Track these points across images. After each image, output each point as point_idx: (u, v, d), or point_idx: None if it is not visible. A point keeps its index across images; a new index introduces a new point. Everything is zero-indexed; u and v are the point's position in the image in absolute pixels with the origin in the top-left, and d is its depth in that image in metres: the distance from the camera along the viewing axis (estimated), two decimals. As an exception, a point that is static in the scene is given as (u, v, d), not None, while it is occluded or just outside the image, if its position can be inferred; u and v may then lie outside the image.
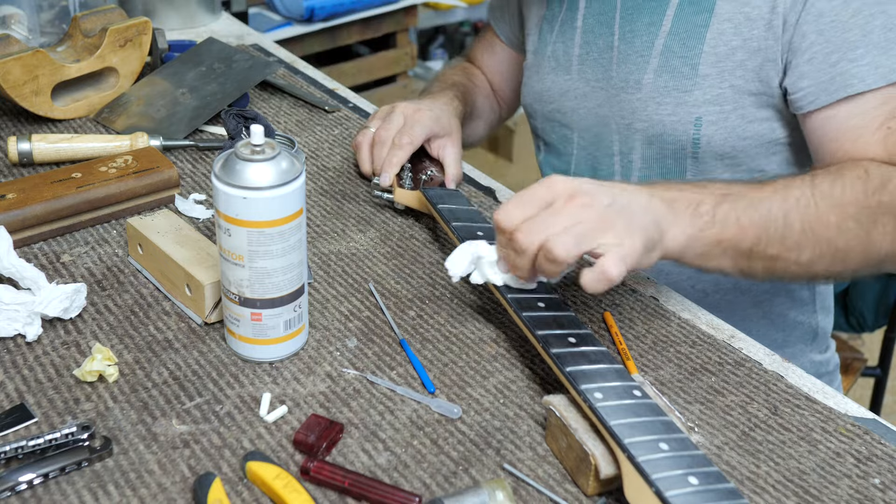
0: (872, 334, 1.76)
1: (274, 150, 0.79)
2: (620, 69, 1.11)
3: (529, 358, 0.88)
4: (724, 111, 1.05)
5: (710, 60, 1.04)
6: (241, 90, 1.27)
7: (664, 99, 1.07)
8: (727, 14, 1.02)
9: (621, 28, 1.11)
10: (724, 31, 1.03)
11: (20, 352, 0.86)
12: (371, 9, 2.62)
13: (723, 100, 1.04)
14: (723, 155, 1.07)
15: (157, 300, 0.93)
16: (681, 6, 1.05)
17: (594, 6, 1.14)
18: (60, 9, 1.45)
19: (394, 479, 0.74)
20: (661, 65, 1.07)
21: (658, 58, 1.07)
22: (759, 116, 1.05)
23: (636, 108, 1.10)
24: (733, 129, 1.05)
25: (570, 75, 1.17)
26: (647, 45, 1.08)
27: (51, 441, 0.75)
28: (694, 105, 1.05)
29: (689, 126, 1.06)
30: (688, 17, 1.05)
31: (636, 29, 1.09)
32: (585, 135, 1.17)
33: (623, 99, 1.11)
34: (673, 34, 1.06)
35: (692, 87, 1.05)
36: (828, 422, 0.82)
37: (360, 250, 1.03)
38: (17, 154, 1.14)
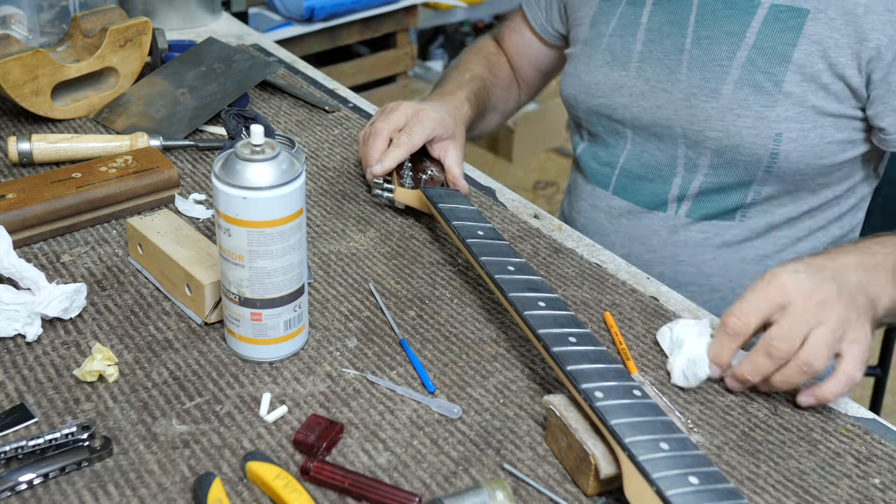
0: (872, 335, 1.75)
1: (274, 150, 0.79)
2: (693, 74, 1.10)
3: (529, 358, 0.88)
4: (804, 129, 1.05)
5: (795, 80, 1.04)
6: (241, 90, 1.27)
7: (744, 112, 1.07)
8: (816, 36, 1.03)
9: (696, 33, 1.10)
10: (812, 53, 1.03)
11: (20, 352, 0.86)
12: (371, 9, 2.61)
13: (804, 118, 1.05)
14: (796, 171, 1.08)
15: (157, 300, 0.93)
16: (767, 21, 1.05)
17: (665, 5, 1.13)
18: (60, 9, 1.45)
19: (394, 479, 0.74)
20: (743, 77, 1.06)
21: (740, 70, 1.07)
22: (837, 138, 1.06)
23: (711, 115, 1.09)
24: (812, 148, 1.06)
25: (627, 72, 1.16)
26: (727, 54, 1.07)
27: (51, 441, 0.75)
28: (775, 121, 1.05)
29: (768, 141, 1.06)
30: (774, 34, 1.05)
31: (714, 36, 1.08)
32: (642, 133, 1.16)
33: (694, 105, 1.10)
34: (757, 48, 1.05)
35: (774, 104, 1.05)
36: (828, 422, 0.82)
37: (360, 250, 1.03)
38: (17, 154, 1.14)
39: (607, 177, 1.21)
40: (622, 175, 1.20)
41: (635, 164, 1.18)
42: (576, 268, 1.02)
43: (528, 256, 1.03)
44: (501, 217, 1.11)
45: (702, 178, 1.13)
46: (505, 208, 1.13)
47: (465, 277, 0.99)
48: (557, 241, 1.06)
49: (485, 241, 0.94)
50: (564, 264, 1.02)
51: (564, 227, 1.10)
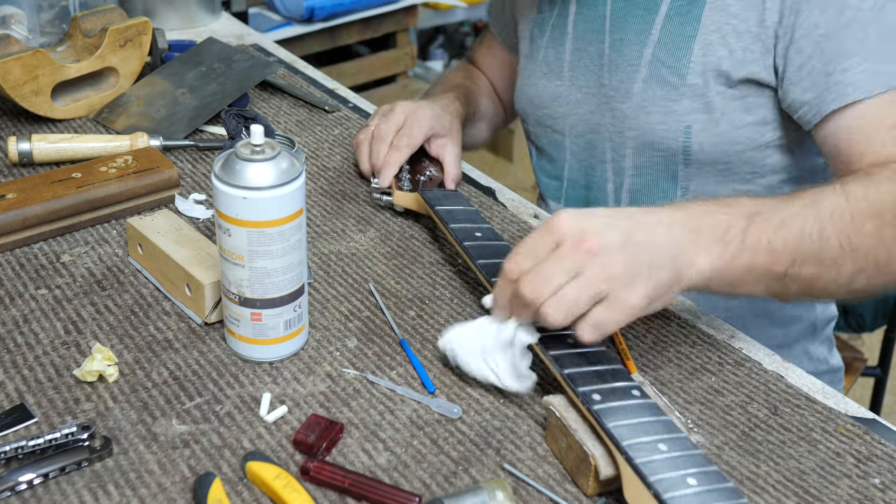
0: (872, 334, 1.76)
1: (274, 150, 0.79)
2: (612, 77, 1.11)
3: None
4: (713, 119, 1.05)
5: (698, 70, 1.04)
6: (241, 90, 1.27)
7: (653, 108, 1.08)
8: (714, 25, 1.03)
9: (611, 35, 1.11)
10: (712, 42, 1.03)
11: (20, 352, 0.86)
12: (371, 9, 2.62)
13: (711, 108, 1.05)
14: (715, 161, 1.07)
15: (157, 300, 0.93)
16: (668, 16, 1.06)
17: (584, 12, 1.14)
18: (60, 9, 1.45)
19: (394, 479, 0.74)
20: (650, 74, 1.08)
21: (647, 67, 1.08)
22: (748, 121, 1.05)
23: (627, 115, 1.10)
24: (723, 136, 1.05)
25: (562, 81, 1.17)
26: (636, 54, 1.09)
27: (51, 441, 0.75)
28: (683, 113, 1.06)
29: (678, 134, 1.07)
30: (675, 28, 1.06)
31: (625, 38, 1.10)
32: (578, 141, 1.18)
33: (614, 107, 1.12)
34: (661, 44, 1.07)
35: (680, 97, 1.06)
36: (828, 422, 0.82)
37: (360, 250, 1.03)
38: (17, 154, 1.14)
39: (557, 190, 1.23)
40: (569, 187, 1.21)
41: (577, 174, 1.20)
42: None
43: (528, 256, 1.03)
44: (501, 217, 1.11)
45: (630, 179, 1.14)
46: (505, 208, 1.13)
47: (465, 277, 0.99)
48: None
49: (483, 242, 0.94)
50: (564, 264, 1.02)
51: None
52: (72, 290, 0.94)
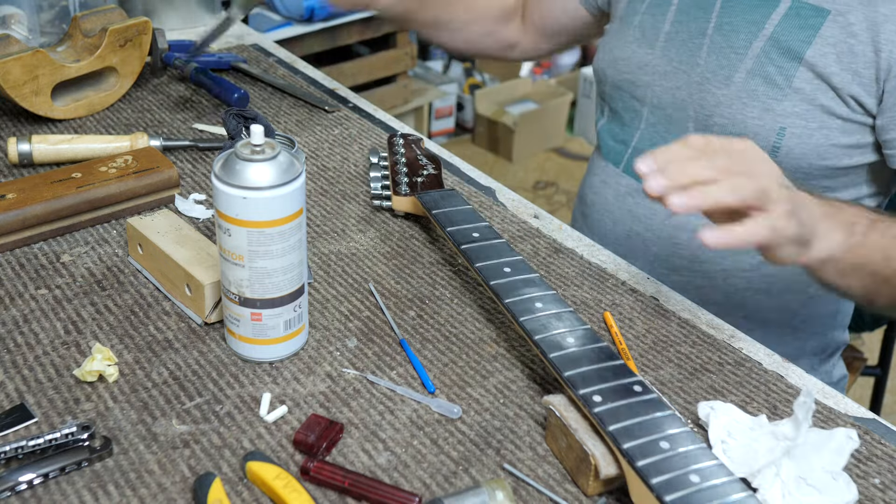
0: (872, 334, 1.76)
1: (274, 150, 0.79)
2: (710, 59, 1.10)
3: (529, 358, 0.88)
4: (809, 127, 1.04)
5: (807, 77, 1.03)
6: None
7: (752, 102, 1.06)
8: (832, 39, 1.02)
9: (719, 17, 1.09)
10: (826, 55, 1.02)
11: (20, 352, 0.86)
12: (371, 9, 2.61)
13: (811, 116, 1.04)
14: (796, 168, 1.06)
15: (157, 300, 0.93)
16: (787, 15, 1.05)
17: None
18: (60, 9, 1.45)
19: (394, 479, 0.74)
20: (756, 68, 1.06)
21: (754, 60, 1.06)
22: (843, 142, 1.05)
23: (720, 102, 1.09)
24: (815, 148, 1.05)
25: (654, 51, 1.16)
26: (744, 43, 1.07)
27: (51, 441, 0.75)
28: (781, 115, 1.05)
29: (771, 133, 1.05)
30: (792, 29, 1.04)
31: (735, 23, 1.08)
32: (657, 112, 1.17)
33: (707, 89, 1.10)
34: (773, 40, 1.05)
35: (782, 98, 1.04)
36: (828, 422, 0.82)
37: (360, 250, 1.03)
38: (17, 155, 1.14)
39: (620, 154, 1.21)
40: (633, 154, 1.20)
41: (647, 144, 1.18)
42: (576, 267, 1.02)
43: (528, 256, 1.03)
44: (501, 217, 1.11)
45: None
46: (505, 208, 1.13)
47: (465, 277, 0.99)
48: (557, 241, 1.06)
49: (480, 243, 0.94)
50: (564, 264, 1.02)
51: (564, 227, 1.10)
52: (72, 290, 0.94)
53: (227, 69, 1.44)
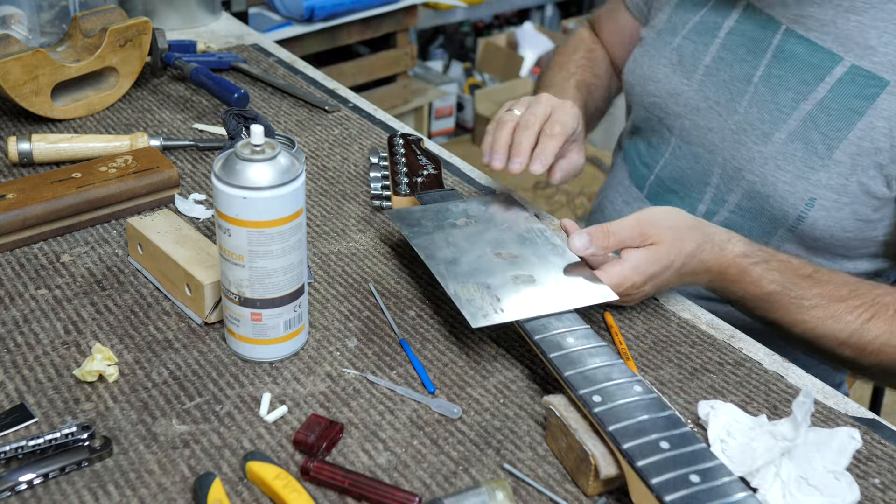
0: (872, 334, 1.75)
1: (274, 150, 0.79)
2: (751, 110, 1.04)
3: (529, 358, 0.88)
4: (840, 202, 1.00)
5: (850, 151, 0.98)
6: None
7: (787, 165, 1.01)
8: (887, 112, 0.96)
9: (768, 69, 1.04)
10: (877, 128, 0.97)
11: (20, 352, 0.86)
12: (371, 9, 2.61)
13: (844, 191, 1.00)
14: (817, 238, 1.03)
15: (157, 300, 0.93)
16: (842, 81, 0.99)
17: (747, 28, 1.06)
18: (60, 9, 1.45)
19: (394, 479, 0.74)
20: (799, 131, 1.01)
21: (799, 123, 1.01)
22: (872, 217, 1.01)
23: (754, 158, 1.04)
24: (840, 221, 1.01)
25: (690, 83, 1.10)
26: (790, 103, 1.01)
27: (51, 441, 0.75)
28: (814, 185, 1.00)
29: (800, 202, 1.01)
30: (845, 97, 0.98)
31: (785, 78, 1.02)
32: (685, 148, 1.12)
33: (742, 141, 1.05)
34: (823, 106, 0.99)
35: (820, 168, 1.00)
36: (828, 422, 0.82)
37: (360, 250, 1.03)
38: (17, 154, 1.14)
39: (643, 178, 1.18)
40: (656, 182, 1.17)
41: (670, 173, 1.15)
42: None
43: (528, 256, 1.03)
44: (501, 217, 1.10)
45: (726, 213, 1.09)
46: (505, 208, 1.13)
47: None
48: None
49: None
50: (564, 264, 1.02)
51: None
52: (72, 290, 0.94)
53: (227, 69, 1.44)
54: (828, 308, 0.94)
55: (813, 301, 0.94)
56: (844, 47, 0.99)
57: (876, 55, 0.97)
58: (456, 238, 0.94)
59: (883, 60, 0.97)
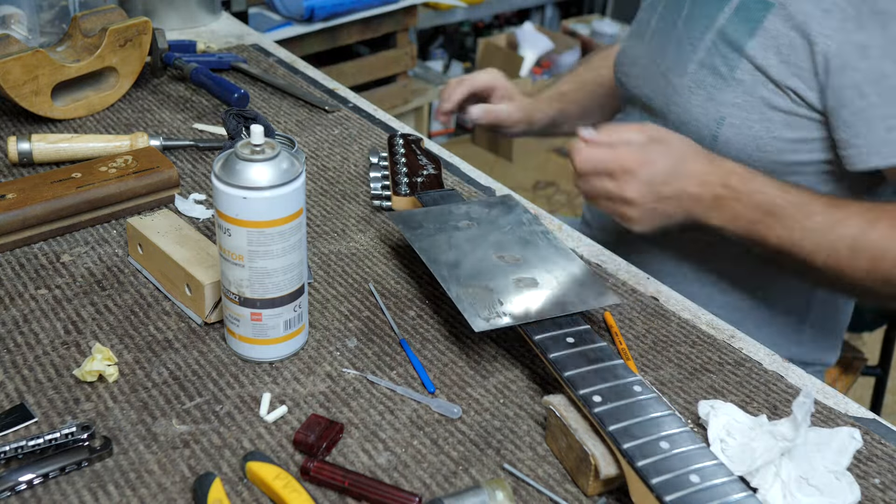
0: (872, 334, 1.76)
1: (274, 150, 0.79)
2: (674, 50, 1.14)
3: (529, 358, 0.88)
4: (749, 119, 1.05)
5: (748, 69, 1.05)
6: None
7: (699, 91, 1.09)
8: (774, 31, 1.03)
9: (689, 10, 1.13)
10: (767, 48, 1.04)
11: (20, 352, 0.86)
12: (371, 9, 2.61)
13: (750, 107, 1.05)
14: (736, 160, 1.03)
15: (157, 300, 0.93)
16: (737, 9, 1.07)
17: None
18: (60, 9, 1.45)
19: (394, 479, 0.74)
20: (705, 59, 1.09)
21: (705, 52, 1.10)
22: (788, 136, 1.05)
23: (676, 91, 1.12)
24: (754, 139, 1.06)
25: (643, 44, 1.20)
26: (699, 34, 1.11)
27: (51, 441, 0.75)
28: (722, 105, 1.07)
29: (712, 122, 1.08)
30: (738, 22, 1.07)
31: (695, 15, 1.12)
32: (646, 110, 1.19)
33: (668, 79, 1.13)
34: (720, 33, 1.08)
35: (725, 88, 1.07)
36: (828, 422, 0.82)
37: (360, 250, 1.03)
38: (17, 154, 1.14)
39: None
40: None
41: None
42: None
43: (528, 256, 1.03)
44: (501, 217, 1.10)
45: None
46: (505, 208, 1.13)
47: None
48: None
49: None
50: (564, 264, 1.02)
51: (564, 227, 1.10)
52: (72, 290, 0.94)
53: (227, 69, 1.44)
54: (831, 213, 0.96)
55: (815, 207, 0.96)
56: None
57: None
58: (458, 241, 0.94)
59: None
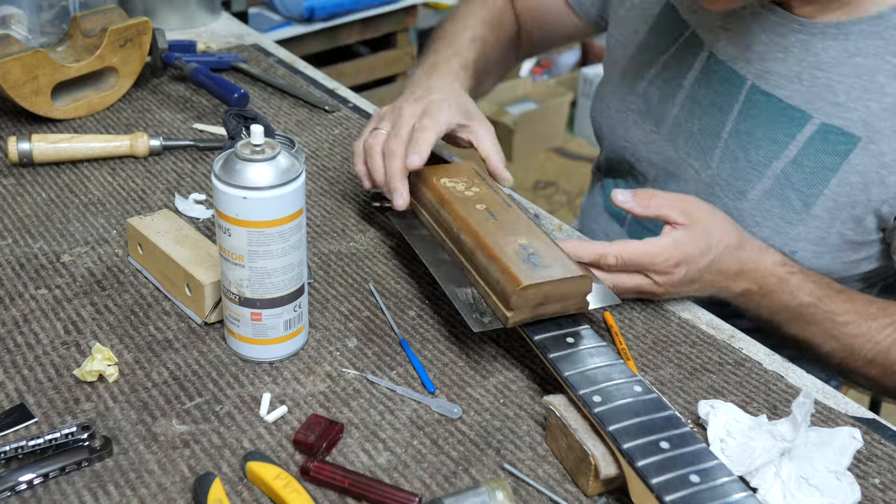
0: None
1: (274, 150, 0.79)
2: (723, 165, 1.03)
3: (529, 358, 0.88)
4: (820, 251, 1.00)
5: (828, 206, 0.98)
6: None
7: (765, 221, 1.01)
8: (861, 167, 0.95)
9: (736, 124, 1.02)
10: (852, 184, 0.96)
11: (20, 352, 0.86)
12: (371, 9, 2.62)
13: (825, 243, 1.00)
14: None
15: (157, 300, 0.93)
16: (813, 139, 0.97)
17: (711, 79, 1.04)
18: (60, 9, 1.45)
19: (394, 479, 0.74)
20: (774, 189, 1.00)
21: (773, 181, 1.00)
22: (853, 258, 1.01)
23: (731, 213, 1.00)
24: (822, 268, 1.00)
25: (659, 132, 1.09)
26: (763, 161, 1.00)
27: (51, 441, 0.75)
28: (793, 239, 1.00)
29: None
30: (817, 154, 0.97)
31: (754, 136, 1.01)
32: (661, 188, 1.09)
33: (718, 195, 1.04)
34: (796, 164, 0.98)
35: (798, 223, 0.99)
36: (828, 422, 0.82)
37: (360, 250, 1.03)
38: (17, 154, 1.14)
39: (622, 213, 1.16)
40: (634, 222, 1.15)
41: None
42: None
43: (528, 256, 1.03)
44: (501, 217, 1.10)
45: None
46: (505, 208, 1.13)
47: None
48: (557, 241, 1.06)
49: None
50: (564, 264, 1.02)
51: (564, 227, 1.10)
52: (72, 290, 0.94)
53: (227, 69, 1.44)
54: (859, 325, 0.93)
55: (846, 317, 0.93)
56: (813, 105, 0.97)
57: (846, 111, 0.96)
58: None
59: (853, 116, 0.95)
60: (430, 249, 0.93)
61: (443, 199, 0.92)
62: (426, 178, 0.95)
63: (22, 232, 1.03)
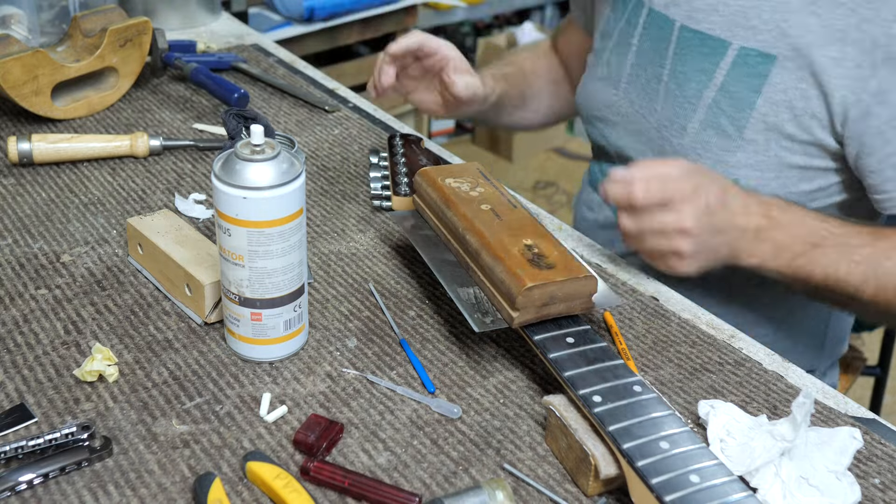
0: (872, 334, 1.76)
1: (274, 150, 0.79)
2: (665, 107, 1.08)
3: (529, 358, 0.88)
4: (765, 178, 1.02)
5: (759, 128, 1.01)
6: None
7: (705, 153, 1.05)
8: (782, 85, 0.99)
9: (673, 65, 1.07)
10: (777, 102, 0.99)
11: (20, 352, 0.86)
12: (371, 9, 2.61)
13: (765, 167, 1.02)
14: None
15: (157, 300, 0.93)
16: (735, 64, 1.02)
17: (651, 31, 1.10)
18: (60, 9, 1.45)
19: (394, 479, 0.74)
20: (708, 119, 1.04)
21: (705, 110, 1.04)
22: (805, 189, 1.03)
23: (677, 151, 1.07)
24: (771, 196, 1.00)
25: (618, 91, 1.14)
26: (695, 93, 1.05)
27: (51, 441, 0.75)
28: (734, 166, 1.03)
29: None
30: (740, 78, 1.01)
31: (687, 72, 1.06)
32: (625, 150, 1.15)
33: (664, 137, 1.09)
34: (723, 90, 1.03)
35: (735, 149, 1.03)
36: (828, 422, 0.82)
37: (360, 250, 1.03)
38: (17, 154, 1.14)
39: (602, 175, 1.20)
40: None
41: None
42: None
43: (528, 256, 1.03)
44: (501, 217, 1.10)
45: None
46: (505, 208, 1.13)
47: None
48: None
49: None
50: (564, 264, 1.02)
51: (564, 227, 1.10)
52: (72, 290, 0.94)
53: (227, 69, 1.44)
54: (876, 244, 0.95)
55: (860, 238, 0.95)
56: (731, 32, 1.02)
57: (759, 34, 1.01)
58: None
59: (767, 38, 1.00)
60: (432, 249, 0.93)
61: (448, 199, 0.92)
62: (431, 179, 0.95)
63: (22, 232, 1.03)
